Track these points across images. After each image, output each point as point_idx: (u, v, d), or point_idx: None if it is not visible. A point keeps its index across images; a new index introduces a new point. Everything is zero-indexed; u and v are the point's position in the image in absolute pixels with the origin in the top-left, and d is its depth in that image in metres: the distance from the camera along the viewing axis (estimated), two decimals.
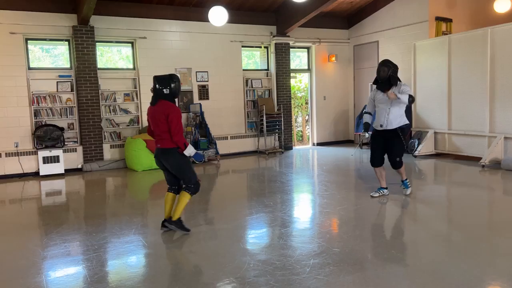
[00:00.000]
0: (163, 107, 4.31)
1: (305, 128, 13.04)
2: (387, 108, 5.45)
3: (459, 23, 9.85)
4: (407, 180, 5.86)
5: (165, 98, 4.36)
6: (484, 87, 8.00)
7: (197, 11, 9.77)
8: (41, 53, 9.07)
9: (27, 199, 6.81)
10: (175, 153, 4.36)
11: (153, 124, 4.43)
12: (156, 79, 4.40)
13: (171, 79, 4.37)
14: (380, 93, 5.53)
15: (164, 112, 4.28)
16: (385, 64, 5.46)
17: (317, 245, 3.98)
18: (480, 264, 3.46)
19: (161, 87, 4.35)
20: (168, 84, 4.35)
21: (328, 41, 11.74)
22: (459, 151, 8.64)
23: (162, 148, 4.38)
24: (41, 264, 3.80)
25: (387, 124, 5.46)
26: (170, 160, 4.39)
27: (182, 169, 4.43)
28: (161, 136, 4.35)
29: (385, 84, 5.45)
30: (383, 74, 5.41)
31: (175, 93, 4.41)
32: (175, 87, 4.39)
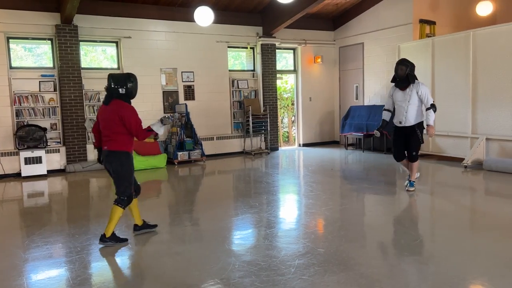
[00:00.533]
0: (116, 107, 4.07)
1: (291, 129, 13.08)
2: (406, 106, 5.73)
3: (442, 25, 9.99)
4: (414, 182, 6.09)
5: (120, 98, 4.12)
6: (466, 89, 8.13)
7: (183, 11, 9.72)
8: (23, 52, 8.91)
9: (8, 201, 6.68)
10: (121, 157, 4.13)
11: (102, 124, 4.16)
12: (111, 78, 4.15)
13: (128, 78, 4.15)
14: (399, 91, 5.82)
15: (117, 113, 4.04)
16: (403, 63, 5.71)
17: (302, 246, 3.99)
18: (461, 264, 3.51)
19: (116, 86, 4.10)
20: (125, 84, 4.11)
21: (314, 42, 11.80)
22: (442, 152, 8.76)
23: (108, 150, 4.13)
24: (23, 267, 3.72)
25: (405, 121, 5.77)
26: (114, 164, 4.14)
27: (122, 176, 4.17)
28: (109, 137, 4.11)
29: (403, 82, 5.73)
30: (401, 73, 5.68)
31: (131, 94, 4.18)
32: (132, 87, 4.16)
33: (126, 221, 4.88)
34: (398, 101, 5.83)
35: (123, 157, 4.15)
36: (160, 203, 6.31)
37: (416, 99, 5.72)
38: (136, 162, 8.63)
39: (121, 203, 4.18)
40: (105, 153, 4.19)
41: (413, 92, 5.72)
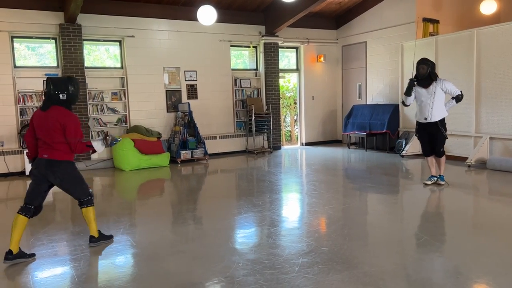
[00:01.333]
0: (59, 115, 3.79)
1: (293, 128, 13.08)
2: (431, 103, 5.98)
3: (446, 24, 9.97)
4: (443, 176, 6.37)
5: (60, 104, 3.83)
6: (470, 88, 8.12)
7: (186, 10, 9.73)
8: (27, 51, 8.94)
9: (12, 199, 6.71)
10: (66, 166, 3.89)
11: (40, 132, 3.82)
12: (51, 82, 3.85)
13: (69, 83, 3.87)
14: (422, 89, 6.06)
15: (60, 121, 3.76)
16: (424, 62, 5.99)
17: (306, 244, 4.00)
18: (465, 262, 3.51)
19: (56, 92, 3.79)
20: (66, 89, 3.82)
21: (317, 41, 11.80)
22: (446, 151, 8.65)
23: (50, 159, 3.81)
24: (28, 264, 3.74)
25: (431, 117, 6.01)
26: (59, 174, 3.85)
27: (75, 181, 3.96)
28: (51, 146, 3.81)
29: (426, 80, 6.00)
30: (423, 72, 5.97)
31: (72, 100, 3.91)
32: (73, 92, 3.88)
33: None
34: (422, 98, 6.06)
35: (68, 167, 3.92)
36: (163, 201, 6.33)
37: (441, 95, 5.98)
38: (139, 160, 8.68)
39: (88, 203, 4.06)
40: (43, 162, 3.83)
41: (437, 89, 5.97)
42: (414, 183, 7.07)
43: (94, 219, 4.14)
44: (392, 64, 10.32)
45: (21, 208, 3.86)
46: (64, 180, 3.91)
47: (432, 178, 6.40)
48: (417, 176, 7.74)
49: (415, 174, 7.86)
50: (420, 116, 6.18)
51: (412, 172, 7.95)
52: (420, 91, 6.11)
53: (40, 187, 3.89)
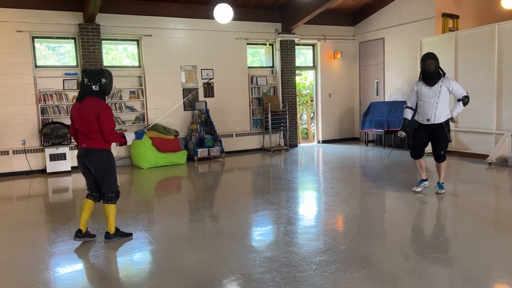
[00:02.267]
0: (92, 104, 3.97)
1: (310, 126, 13.02)
2: (435, 103, 5.38)
3: (466, 19, 9.78)
4: (443, 184, 5.76)
5: (93, 95, 4.02)
6: (491, 84, 7.95)
7: (203, 8, 9.77)
8: (47, 51, 9.12)
9: (34, 196, 6.86)
10: (103, 155, 4.05)
11: (78, 123, 4.03)
12: (85, 74, 4.06)
13: (101, 75, 4.04)
14: (426, 87, 5.44)
15: (94, 111, 3.93)
16: (430, 57, 5.38)
17: (323, 243, 3.99)
18: (486, 262, 3.45)
19: (90, 83, 3.99)
20: (98, 80, 4.00)
21: (334, 38, 11.71)
22: (466, 148, 8.59)
23: (88, 148, 4.03)
24: (49, 260, 3.83)
25: (434, 118, 5.42)
26: (95, 162, 4.04)
27: (107, 173, 4.11)
28: (89, 136, 4.00)
29: (433, 77, 5.38)
30: (432, 67, 5.34)
31: (105, 90, 4.08)
32: (106, 84, 4.05)
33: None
34: (425, 98, 5.45)
35: (104, 155, 4.07)
36: (180, 199, 6.38)
37: (447, 95, 5.40)
38: (157, 158, 8.77)
39: (110, 200, 4.19)
40: (83, 151, 4.06)
41: (443, 88, 5.37)
42: (432, 181, 6.96)
43: (113, 217, 4.24)
44: (411, 60, 10.17)
45: (87, 194, 4.26)
46: (99, 169, 4.07)
47: (423, 182, 5.83)
48: (435, 174, 7.62)
49: (433, 172, 7.73)
50: (421, 117, 5.56)
51: (431, 170, 7.82)
52: (423, 90, 5.47)
53: (90, 178, 4.17)
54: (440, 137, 5.50)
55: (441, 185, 5.74)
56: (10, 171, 8.33)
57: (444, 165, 5.69)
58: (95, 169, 4.07)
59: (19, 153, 8.39)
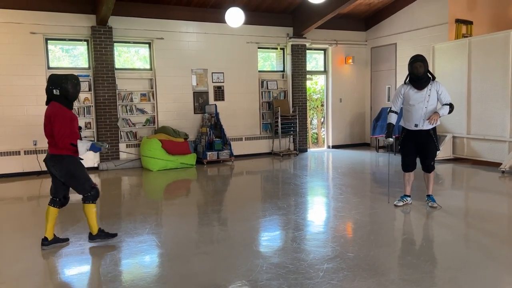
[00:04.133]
0: (50, 109, 3.94)
1: (320, 131, 12.95)
2: (424, 107, 5.09)
3: (480, 25, 9.65)
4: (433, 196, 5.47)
5: (55, 99, 3.95)
6: (505, 91, 7.83)
7: (214, 12, 9.79)
8: (60, 53, 9.21)
9: (44, 197, 6.89)
10: (63, 160, 3.96)
11: (44, 128, 4.02)
12: (49, 78, 4.02)
13: (63, 79, 3.96)
14: (414, 92, 5.13)
15: (49, 115, 3.91)
16: (419, 59, 5.08)
17: (331, 250, 3.93)
18: (498, 273, 3.37)
19: (51, 87, 3.94)
20: (59, 85, 3.93)
21: (345, 43, 11.65)
22: (478, 156, 8.46)
23: (50, 154, 4.00)
24: (57, 262, 3.83)
25: (423, 124, 5.13)
26: (57, 168, 3.99)
27: (74, 177, 4.03)
28: (49, 140, 3.99)
29: (421, 81, 5.09)
30: (421, 70, 5.04)
31: (67, 95, 3.96)
32: (67, 89, 3.93)
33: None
34: (413, 102, 5.12)
35: (65, 160, 3.98)
36: (189, 202, 6.37)
37: (435, 99, 5.10)
38: (166, 161, 8.78)
39: (88, 199, 4.14)
40: (47, 156, 4.05)
41: (433, 92, 5.07)
42: (445, 188, 6.86)
43: (93, 216, 4.18)
44: None
45: (50, 200, 4.19)
46: (63, 174, 4.02)
47: (405, 198, 5.51)
48: (448, 181, 7.52)
49: (445, 179, 7.63)
50: (408, 123, 5.23)
51: (443, 177, 7.72)
52: (411, 94, 5.14)
53: (57, 181, 4.12)
54: (429, 147, 5.22)
55: (433, 197, 5.44)
56: (21, 171, 8.41)
57: (433, 175, 5.40)
58: (59, 175, 4.02)
59: (30, 153, 8.46)
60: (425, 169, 5.37)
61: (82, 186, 4.10)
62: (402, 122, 5.41)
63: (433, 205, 5.36)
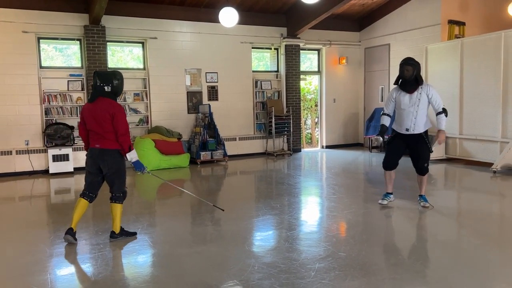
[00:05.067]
0: (106, 105, 4.04)
1: (314, 131, 12.98)
2: (414, 111, 5.08)
3: (472, 26, 9.72)
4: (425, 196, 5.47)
5: (105, 96, 4.09)
6: (497, 92, 7.89)
7: (208, 12, 9.78)
8: (54, 52, 9.15)
9: (36, 197, 6.86)
10: (116, 155, 4.12)
11: (91, 123, 4.08)
12: (97, 75, 4.12)
13: (114, 76, 4.11)
14: (405, 95, 5.11)
15: (108, 111, 4.01)
16: (409, 63, 5.01)
17: (323, 249, 3.94)
18: (489, 273, 3.39)
19: (102, 84, 4.06)
20: (110, 81, 4.07)
21: (339, 43, 11.68)
22: (470, 156, 8.52)
23: (102, 148, 4.07)
24: (47, 262, 3.81)
25: (414, 128, 5.12)
26: (109, 162, 4.10)
27: (119, 173, 4.18)
28: (103, 136, 4.06)
29: (411, 84, 5.07)
30: (408, 74, 5.00)
31: (116, 92, 4.14)
32: (118, 85, 4.12)
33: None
34: (404, 106, 5.12)
35: (118, 155, 4.13)
36: (182, 202, 6.35)
37: (426, 103, 5.10)
38: (160, 161, 8.76)
39: (118, 199, 4.25)
40: (96, 151, 4.10)
41: (423, 95, 5.06)
42: (437, 188, 6.90)
43: (119, 217, 4.29)
44: None
45: (83, 193, 4.24)
46: (112, 169, 4.13)
47: (388, 196, 5.50)
48: (440, 181, 7.56)
49: (438, 179, 7.67)
50: (399, 127, 5.22)
51: (436, 177, 7.76)
52: (402, 98, 5.12)
53: (97, 179, 4.22)
54: (421, 149, 5.19)
55: (425, 197, 5.43)
56: (13, 171, 8.35)
57: (426, 177, 5.39)
58: (109, 169, 4.12)
59: (22, 153, 8.40)
60: (419, 172, 5.36)
61: (120, 185, 4.23)
62: (394, 125, 5.41)
63: (425, 205, 5.36)
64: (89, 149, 4.20)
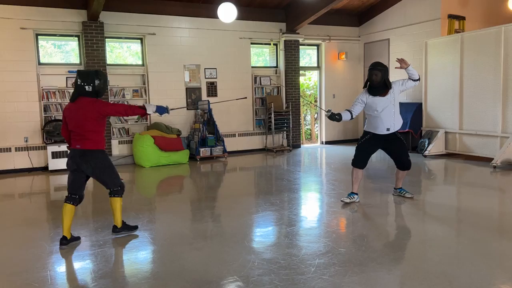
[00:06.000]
0: (86, 105, 3.94)
1: (313, 126, 12.96)
2: (392, 110, 5.14)
3: (472, 21, 9.69)
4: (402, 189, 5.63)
5: (86, 95, 3.99)
6: (497, 87, 7.87)
7: (207, 7, 9.73)
8: (52, 48, 9.12)
9: (35, 194, 6.85)
10: (98, 155, 4.05)
11: (72, 124, 3.98)
12: (78, 74, 4.02)
13: (96, 76, 4.01)
14: (379, 99, 5.12)
15: (92, 110, 3.93)
16: (377, 68, 5.08)
17: (323, 245, 3.94)
18: (489, 267, 3.39)
19: (83, 84, 3.96)
20: (92, 81, 3.97)
21: (338, 38, 11.64)
22: (470, 151, 8.51)
23: (83, 149, 3.98)
24: (47, 259, 3.80)
25: (394, 126, 5.20)
26: (92, 163, 4.01)
27: (107, 171, 4.11)
28: (84, 136, 3.96)
29: (381, 88, 5.10)
30: (376, 79, 5.06)
31: (98, 91, 4.04)
32: (99, 85, 4.02)
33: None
34: (381, 108, 5.10)
35: (99, 155, 4.06)
36: (182, 198, 6.35)
37: (398, 100, 5.22)
38: (159, 157, 8.74)
39: (117, 193, 4.23)
40: (77, 152, 4.00)
41: (396, 92, 5.14)
42: (437, 184, 6.90)
43: (120, 210, 4.27)
44: (416, 61, 10.06)
45: (67, 197, 4.12)
46: (96, 169, 4.06)
47: (352, 195, 5.43)
48: (440, 176, 7.56)
49: (438, 174, 7.67)
50: (380, 128, 5.19)
51: (435, 172, 7.76)
52: (377, 101, 5.11)
53: (79, 177, 4.10)
54: (399, 145, 5.28)
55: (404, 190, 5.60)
56: (12, 168, 8.33)
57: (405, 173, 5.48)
58: (93, 169, 4.05)
59: (21, 150, 8.39)
60: (404, 167, 5.38)
61: (114, 180, 4.18)
62: (368, 127, 5.38)
63: (410, 196, 5.53)
64: (70, 150, 4.10)
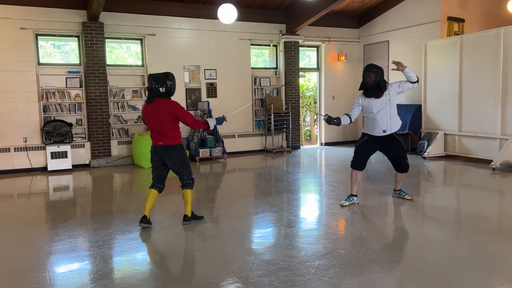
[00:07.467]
0: (165, 105, 4.39)
1: (313, 128, 12.96)
2: (388, 112, 5.15)
3: (471, 23, 9.70)
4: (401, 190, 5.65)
5: (161, 96, 4.43)
6: (496, 89, 7.88)
7: (207, 8, 9.74)
8: (52, 49, 9.11)
9: (34, 194, 6.84)
10: (179, 150, 4.52)
11: (151, 123, 4.46)
12: (152, 78, 4.45)
13: (166, 78, 4.44)
14: (374, 101, 5.13)
15: (167, 111, 4.37)
16: (371, 69, 5.09)
17: (323, 246, 3.93)
18: (489, 269, 3.39)
19: (157, 86, 4.41)
20: (164, 83, 4.43)
21: (338, 40, 11.65)
22: (469, 153, 8.51)
23: (165, 145, 4.46)
24: (46, 259, 3.79)
25: (391, 127, 5.20)
26: (174, 157, 4.49)
27: (184, 164, 4.57)
28: (164, 134, 4.42)
29: (375, 90, 5.09)
30: (370, 81, 5.06)
31: (170, 91, 4.48)
32: (171, 85, 4.47)
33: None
34: (376, 110, 5.11)
35: (180, 150, 4.54)
36: (181, 199, 6.31)
37: (395, 101, 5.21)
38: None
39: (189, 186, 4.63)
40: (160, 148, 4.48)
41: (392, 94, 5.14)
42: (436, 185, 6.90)
43: (191, 201, 4.67)
44: (415, 63, 10.09)
45: (153, 185, 4.66)
46: (177, 162, 4.53)
47: (351, 197, 5.41)
48: (439, 178, 7.57)
49: (437, 176, 7.68)
50: (376, 130, 5.19)
51: (434, 174, 7.77)
52: (372, 103, 5.12)
53: (162, 171, 4.63)
54: (397, 147, 5.28)
55: (404, 190, 5.64)
56: (11, 168, 8.31)
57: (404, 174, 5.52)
58: (174, 163, 4.52)
59: (20, 150, 8.37)
60: (402, 169, 5.41)
61: (189, 173, 4.62)
62: (365, 129, 5.39)
63: (409, 198, 5.55)
64: (152, 146, 4.55)
